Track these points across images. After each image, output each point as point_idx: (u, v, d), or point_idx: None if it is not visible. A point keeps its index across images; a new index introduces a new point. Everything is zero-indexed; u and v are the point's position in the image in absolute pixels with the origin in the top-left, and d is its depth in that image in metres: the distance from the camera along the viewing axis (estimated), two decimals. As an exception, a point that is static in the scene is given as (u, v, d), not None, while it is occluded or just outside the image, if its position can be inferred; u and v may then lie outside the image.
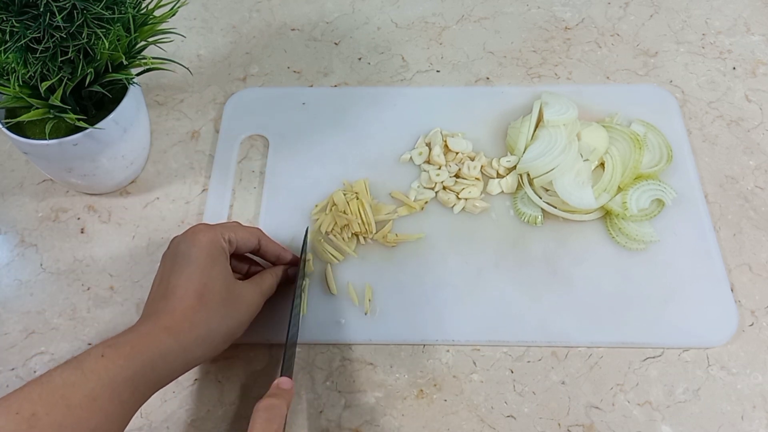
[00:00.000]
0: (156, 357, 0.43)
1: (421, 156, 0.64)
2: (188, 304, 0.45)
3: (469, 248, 0.59)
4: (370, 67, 0.73)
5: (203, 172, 0.65)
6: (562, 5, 0.77)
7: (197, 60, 0.74)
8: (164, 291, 0.46)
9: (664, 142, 0.63)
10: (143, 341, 0.43)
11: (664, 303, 0.56)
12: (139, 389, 0.42)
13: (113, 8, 0.49)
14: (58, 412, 0.38)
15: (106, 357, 0.41)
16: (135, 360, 0.42)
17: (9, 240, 0.62)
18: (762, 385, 0.53)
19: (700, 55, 0.72)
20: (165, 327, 0.44)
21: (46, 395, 0.39)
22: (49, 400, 0.39)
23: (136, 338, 0.43)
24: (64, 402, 0.39)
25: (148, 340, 0.43)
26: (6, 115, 0.57)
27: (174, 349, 0.43)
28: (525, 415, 0.52)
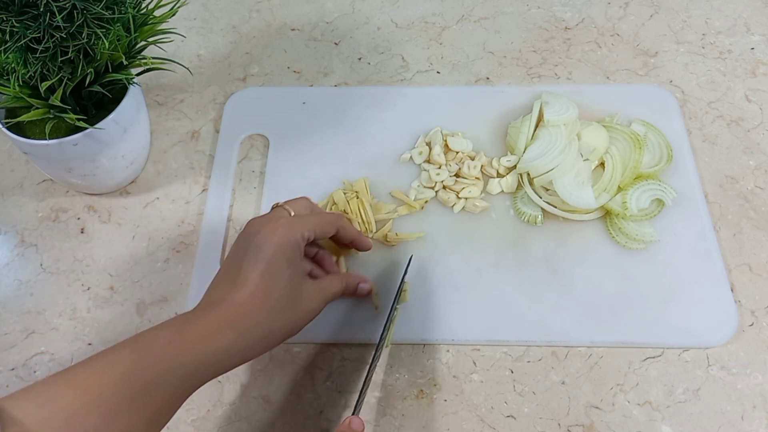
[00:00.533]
0: (219, 351, 0.43)
1: (421, 155, 0.64)
2: (256, 302, 0.45)
3: (469, 248, 0.59)
4: (370, 67, 0.73)
5: (203, 172, 0.65)
6: (562, 5, 0.77)
7: (197, 60, 0.74)
8: (234, 279, 0.46)
9: (664, 142, 0.63)
10: (209, 335, 0.42)
11: (664, 303, 0.56)
12: (199, 379, 0.42)
13: (113, 8, 0.49)
14: (120, 397, 0.39)
15: (173, 344, 0.41)
16: (199, 352, 0.42)
17: (9, 240, 0.62)
18: (762, 385, 0.53)
19: (700, 55, 0.72)
20: (230, 321, 0.43)
21: (113, 376, 0.39)
22: (115, 381, 0.39)
23: (203, 329, 0.42)
24: (127, 386, 0.39)
25: (213, 333, 0.43)
26: (6, 115, 0.57)
27: (236, 345, 0.43)
28: (525, 415, 0.52)
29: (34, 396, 0.38)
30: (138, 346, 0.41)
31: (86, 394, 0.38)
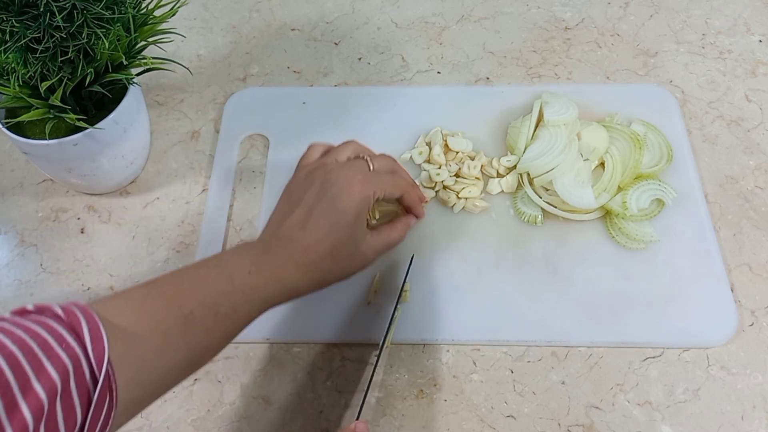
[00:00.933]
0: (286, 288, 0.46)
1: (421, 155, 0.64)
2: (322, 250, 0.47)
3: (469, 248, 0.59)
4: (370, 67, 0.73)
5: (203, 172, 0.65)
6: (562, 5, 0.77)
7: (197, 60, 0.74)
8: (305, 220, 0.48)
9: (664, 142, 0.63)
10: (280, 270, 0.46)
11: (664, 303, 0.56)
12: (271, 305, 0.46)
13: (113, 8, 0.49)
14: (209, 318, 0.41)
15: (252, 275, 0.44)
16: (272, 286, 0.45)
17: (9, 240, 0.62)
18: (762, 385, 0.53)
19: (700, 55, 0.72)
20: (296, 261, 0.46)
21: (201, 297, 0.42)
22: (204, 302, 0.41)
23: (275, 266, 0.45)
24: (215, 309, 0.42)
25: (283, 271, 0.46)
26: (6, 115, 0.57)
27: (299, 285, 0.47)
28: (525, 415, 0.52)
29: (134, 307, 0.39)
30: (223, 271, 0.44)
31: (181, 310, 0.40)
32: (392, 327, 0.53)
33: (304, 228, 0.47)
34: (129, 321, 0.38)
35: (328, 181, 0.49)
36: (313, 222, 0.47)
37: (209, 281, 0.43)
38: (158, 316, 0.40)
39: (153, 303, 0.40)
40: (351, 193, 0.48)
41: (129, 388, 0.37)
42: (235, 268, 0.44)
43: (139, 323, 0.39)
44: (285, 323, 0.56)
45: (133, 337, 0.38)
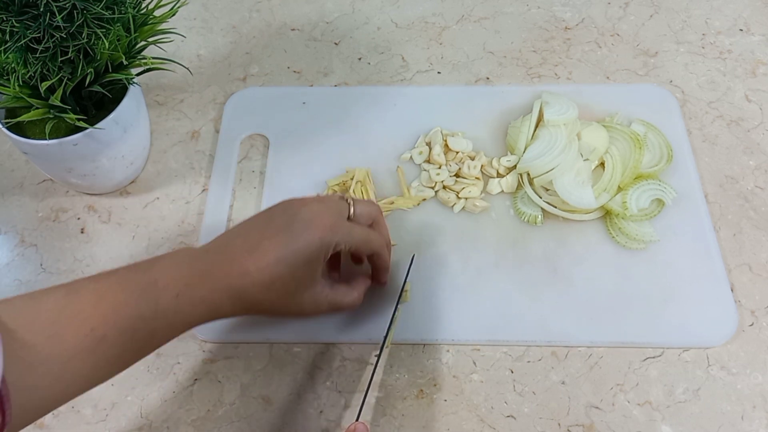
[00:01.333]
0: (212, 312, 0.45)
1: (421, 155, 0.64)
2: (260, 280, 0.45)
3: (469, 248, 0.59)
4: (370, 67, 0.73)
5: (203, 172, 0.65)
6: (562, 5, 0.77)
7: (197, 60, 0.74)
8: (255, 245, 0.45)
9: (664, 142, 0.63)
10: (211, 295, 0.44)
11: (664, 303, 0.56)
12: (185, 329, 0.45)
13: (113, 8, 0.49)
14: (123, 341, 0.40)
15: (179, 298, 0.42)
16: (198, 309, 0.44)
17: (9, 240, 0.62)
18: (762, 385, 0.53)
19: (700, 55, 0.72)
20: (230, 285, 0.44)
21: (119, 322, 0.40)
22: (121, 327, 0.40)
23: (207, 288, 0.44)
24: (132, 333, 0.41)
25: (213, 297, 0.44)
26: (6, 115, 0.57)
27: (226, 311, 0.46)
28: (525, 415, 0.52)
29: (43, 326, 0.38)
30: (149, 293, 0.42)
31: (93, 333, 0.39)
32: (392, 327, 0.53)
33: (251, 252, 0.45)
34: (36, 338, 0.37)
35: (297, 215, 0.46)
36: (263, 249, 0.45)
37: (131, 302, 0.41)
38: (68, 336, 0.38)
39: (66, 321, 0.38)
40: (312, 235, 0.45)
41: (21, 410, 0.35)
42: (163, 290, 0.42)
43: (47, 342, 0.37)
44: (285, 323, 0.56)
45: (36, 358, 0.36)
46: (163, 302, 0.42)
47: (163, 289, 0.42)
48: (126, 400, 0.53)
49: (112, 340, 0.39)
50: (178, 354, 0.55)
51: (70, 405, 0.53)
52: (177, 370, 0.54)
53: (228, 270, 0.44)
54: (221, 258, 0.45)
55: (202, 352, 0.55)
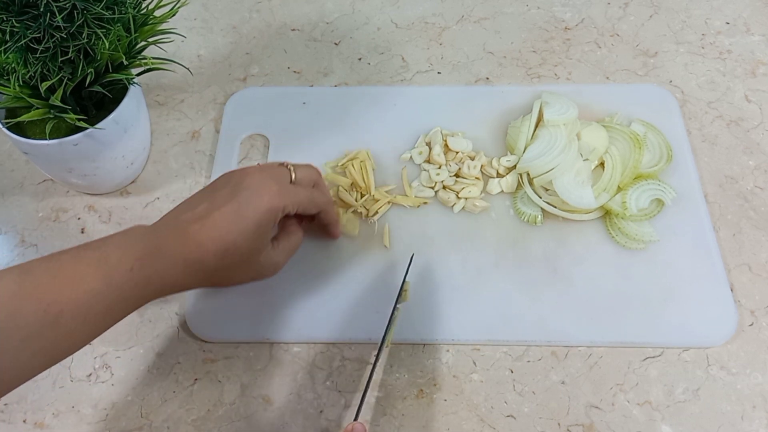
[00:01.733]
0: (167, 285, 0.46)
1: (421, 155, 0.64)
2: (213, 249, 0.46)
3: (469, 248, 0.59)
4: (370, 67, 0.73)
5: (203, 172, 0.65)
6: (562, 5, 0.77)
7: (197, 60, 0.74)
8: (206, 215, 0.46)
9: (663, 142, 0.63)
10: (165, 268, 0.45)
11: (663, 303, 0.56)
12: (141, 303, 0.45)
13: (113, 8, 0.49)
14: (79, 318, 0.40)
15: (134, 272, 0.43)
16: (153, 283, 0.44)
17: (9, 240, 0.62)
18: (762, 385, 0.53)
19: (699, 55, 0.72)
20: (185, 259, 0.45)
21: (75, 297, 0.40)
22: (77, 302, 0.40)
23: (160, 262, 0.44)
24: (86, 308, 0.41)
25: (167, 269, 0.45)
26: (6, 115, 0.57)
27: (184, 282, 0.47)
28: (525, 415, 0.52)
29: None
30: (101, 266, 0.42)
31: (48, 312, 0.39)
32: (392, 326, 0.53)
33: (202, 223, 0.46)
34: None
35: (241, 184, 0.48)
36: (213, 219, 0.46)
37: (86, 278, 0.41)
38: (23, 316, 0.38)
39: (20, 303, 0.39)
40: (260, 201, 0.47)
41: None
42: (117, 265, 0.43)
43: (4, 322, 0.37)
44: (285, 323, 0.56)
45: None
46: (117, 277, 0.42)
47: (116, 264, 0.42)
48: (126, 400, 0.53)
49: (69, 317, 0.40)
50: (178, 354, 0.55)
51: (70, 405, 0.53)
52: (177, 370, 0.54)
53: (182, 243, 0.45)
54: (173, 232, 0.46)
55: (202, 352, 0.55)
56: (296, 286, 0.57)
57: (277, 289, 0.57)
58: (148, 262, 0.44)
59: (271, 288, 0.57)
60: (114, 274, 0.42)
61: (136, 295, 0.44)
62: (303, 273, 0.58)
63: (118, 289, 0.42)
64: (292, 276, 0.57)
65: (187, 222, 0.46)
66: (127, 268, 0.43)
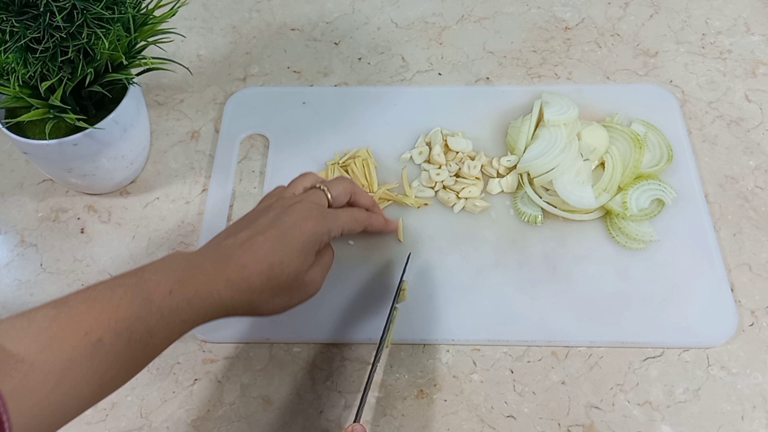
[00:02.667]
0: (212, 307, 0.44)
1: (421, 155, 0.64)
2: (259, 269, 0.45)
3: (469, 247, 0.59)
4: (370, 67, 0.73)
5: (203, 172, 0.65)
6: (562, 5, 0.77)
7: (197, 60, 0.74)
8: (248, 240, 0.46)
9: (664, 142, 0.63)
10: (207, 287, 0.43)
11: (664, 303, 0.56)
12: (186, 329, 0.43)
13: (113, 8, 0.49)
14: (120, 343, 0.39)
15: (174, 295, 0.41)
16: (196, 305, 0.43)
17: (9, 240, 0.62)
18: (762, 385, 0.53)
19: (700, 55, 0.72)
20: (228, 278, 0.44)
21: (114, 324, 0.39)
22: (116, 328, 0.39)
23: (202, 281, 0.43)
24: (128, 334, 0.39)
25: (211, 287, 0.43)
26: (6, 115, 0.57)
27: (227, 305, 0.44)
28: (525, 415, 0.52)
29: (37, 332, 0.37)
30: (140, 290, 0.41)
31: (88, 337, 0.38)
32: (391, 326, 0.53)
33: (245, 248, 0.45)
34: (29, 348, 0.36)
35: (285, 213, 0.48)
36: (257, 242, 0.45)
37: (123, 304, 0.40)
38: (62, 343, 0.37)
39: (58, 328, 0.37)
40: (304, 227, 0.47)
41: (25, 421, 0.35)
42: (155, 288, 0.41)
43: (41, 351, 0.36)
44: (285, 323, 0.56)
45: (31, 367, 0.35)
46: (156, 300, 0.41)
47: (155, 287, 0.41)
48: (126, 400, 0.53)
49: (109, 344, 0.38)
50: (178, 354, 0.55)
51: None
52: (177, 370, 0.54)
53: (224, 264, 0.44)
54: (214, 255, 0.45)
55: (202, 352, 0.55)
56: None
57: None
58: (188, 284, 0.42)
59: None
60: (153, 297, 0.41)
61: (178, 318, 0.42)
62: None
63: (158, 313, 0.41)
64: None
65: (229, 247, 0.46)
66: (166, 291, 0.41)
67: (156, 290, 0.41)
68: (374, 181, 0.62)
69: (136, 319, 0.40)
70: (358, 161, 0.63)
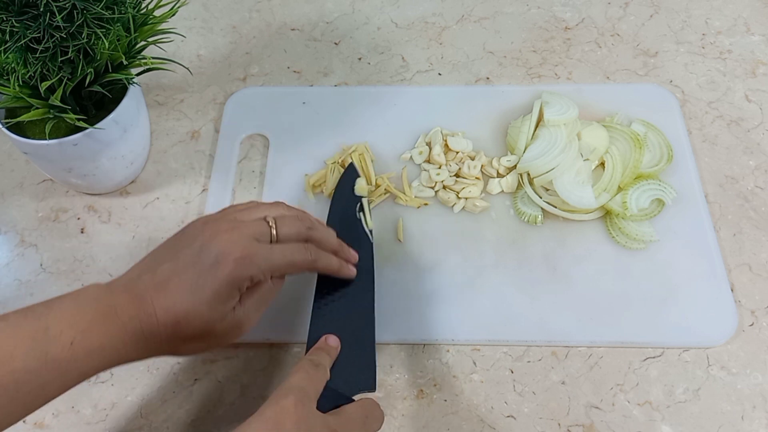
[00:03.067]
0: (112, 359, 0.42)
1: (421, 155, 0.64)
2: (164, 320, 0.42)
3: (469, 248, 0.59)
4: (370, 67, 0.73)
5: (203, 172, 0.65)
6: (562, 5, 0.77)
7: (197, 60, 0.74)
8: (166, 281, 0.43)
9: (664, 142, 0.63)
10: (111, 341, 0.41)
11: (663, 302, 0.56)
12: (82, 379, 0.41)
13: (113, 8, 0.49)
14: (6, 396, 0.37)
15: (75, 346, 0.39)
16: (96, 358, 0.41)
17: (9, 240, 0.62)
18: (762, 385, 0.53)
19: (700, 55, 0.72)
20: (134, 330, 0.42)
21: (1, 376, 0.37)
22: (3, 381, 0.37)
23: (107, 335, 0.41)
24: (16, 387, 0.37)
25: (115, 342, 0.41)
26: (6, 115, 0.57)
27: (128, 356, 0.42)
28: (525, 415, 0.52)
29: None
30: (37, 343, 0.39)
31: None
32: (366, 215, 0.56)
33: (159, 289, 0.43)
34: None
35: (209, 245, 0.44)
36: (170, 287, 0.42)
37: (16, 355, 0.37)
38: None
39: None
40: (221, 271, 0.43)
41: None
42: (56, 339, 0.39)
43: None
44: (285, 323, 0.56)
45: None
46: (53, 352, 0.38)
47: (55, 338, 0.39)
48: (126, 400, 0.53)
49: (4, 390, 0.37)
50: (178, 354, 0.55)
51: (70, 405, 0.53)
52: (177, 370, 0.54)
53: (136, 308, 0.42)
54: (128, 297, 0.43)
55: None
56: (296, 286, 0.57)
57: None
58: (93, 334, 0.40)
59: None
60: (52, 349, 0.38)
61: (76, 370, 0.40)
62: (303, 274, 0.58)
63: (54, 366, 0.38)
64: (292, 277, 0.57)
65: (146, 286, 0.43)
66: (67, 342, 0.39)
67: (56, 342, 0.39)
68: (371, 174, 0.62)
69: (27, 373, 0.38)
70: (355, 155, 0.63)
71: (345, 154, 0.63)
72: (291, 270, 0.47)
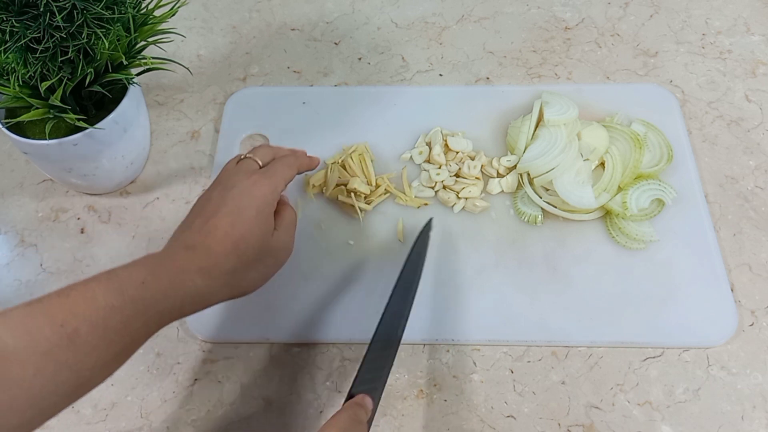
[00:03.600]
0: (187, 297, 0.44)
1: (421, 155, 0.64)
2: (223, 249, 0.45)
3: (469, 247, 0.59)
4: (370, 67, 0.73)
5: (203, 172, 0.65)
6: (562, 5, 0.77)
7: (197, 60, 0.74)
8: (204, 226, 0.46)
9: (664, 142, 0.63)
10: (180, 278, 0.43)
11: (663, 303, 0.56)
12: (169, 318, 0.43)
13: (113, 8, 0.49)
14: (96, 334, 0.39)
15: (147, 286, 0.42)
16: (170, 297, 0.43)
17: (9, 240, 0.62)
18: (762, 385, 0.53)
19: (700, 55, 0.72)
20: (200, 267, 0.44)
21: (89, 314, 0.39)
22: (92, 319, 0.39)
23: (174, 273, 0.43)
24: (104, 324, 0.39)
25: (183, 279, 0.44)
26: (6, 115, 0.57)
27: (204, 292, 0.45)
28: (525, 415, 0.52)
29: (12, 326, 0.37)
30: (112, 284, 0.41)
31: (64, 328, 0.38)
32: None
33: (204, 232, 0.46)
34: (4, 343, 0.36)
35: (227, 189, 0.49)
36: (214, 224, 0.46)
37: (97, 295, 0.40)
38: (38, 334, 0.37)
39: (33, 321, 0.37)
40: (251, 194, 0.48)
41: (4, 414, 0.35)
42: (127, 280, 0.41)
43: (16, 343, 0.36)
44: (285, 323, 0.56)
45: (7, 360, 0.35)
46: (129, 291, 0.41)
47: (127, 279, 0.42)
48: (126, 400, 0.53)
49: (85, 334, 0.39)
50: (178, 354, 0.55)
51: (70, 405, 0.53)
52: (177, 370, 0.54)
53: (191, 254, 0.45)
54: (177, 247, 0.46)
55: (202, 352, 0.55)
56: (296, 286, 0.57)
57: (277, 289, 0.57)
58: (161, 276, 0.43)
59: (272, 288, 0.56)
60: (125, 288, 0.41)
61: (154, 310, 0.42)
62: (303, 273, 0.58)
63: (132, 303, 0.41)
64: (292, 276, 0.57)
65: (190, 238, 0.46)
66: (138, 282, 0.42)
67: (128, 282, 0.41)
68: (372, 174, 0.62)
69: (111, 309, 0.40)
70: (355, 156, 0.63)
71: (345, 154, 0.63)
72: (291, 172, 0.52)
